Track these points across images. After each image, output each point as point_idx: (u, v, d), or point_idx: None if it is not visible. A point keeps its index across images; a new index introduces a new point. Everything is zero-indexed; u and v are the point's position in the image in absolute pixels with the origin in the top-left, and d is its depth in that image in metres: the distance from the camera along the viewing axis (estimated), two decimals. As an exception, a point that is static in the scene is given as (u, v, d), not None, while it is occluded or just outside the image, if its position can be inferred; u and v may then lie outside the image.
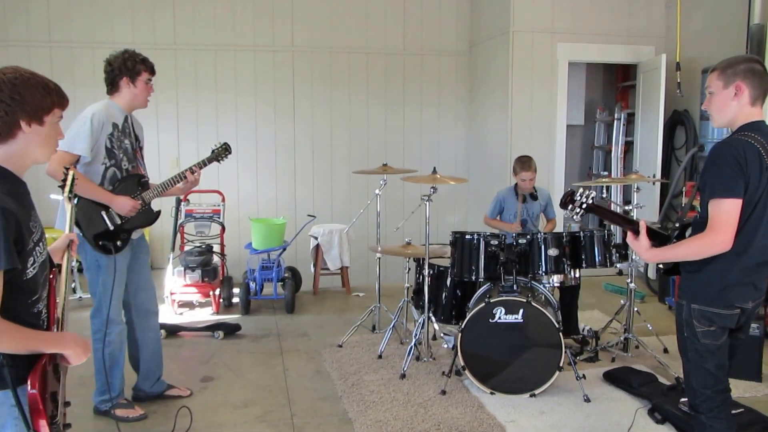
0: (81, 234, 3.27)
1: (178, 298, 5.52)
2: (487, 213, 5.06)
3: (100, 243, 3.30)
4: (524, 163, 4.81)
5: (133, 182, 3.45)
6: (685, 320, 2.41)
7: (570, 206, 2.54)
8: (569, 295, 4.45)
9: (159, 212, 3.62)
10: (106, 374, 3.36)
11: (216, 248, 5.84)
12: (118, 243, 3.37)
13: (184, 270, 5.44)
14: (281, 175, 7.47)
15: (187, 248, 5.78)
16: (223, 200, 6.08)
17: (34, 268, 1.74)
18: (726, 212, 2.24)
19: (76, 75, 6.79)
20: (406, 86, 7.64)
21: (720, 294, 2.34)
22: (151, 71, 3.44)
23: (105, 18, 6.93)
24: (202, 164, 3.60)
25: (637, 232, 2.46)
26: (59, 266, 2.05)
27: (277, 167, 7.45)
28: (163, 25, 7.05)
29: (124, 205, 3.32)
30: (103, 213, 3.32)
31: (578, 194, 2.53)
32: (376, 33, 7.49)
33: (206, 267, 5.50)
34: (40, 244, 1.80)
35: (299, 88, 7.39)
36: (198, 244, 5.75)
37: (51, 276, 1.92)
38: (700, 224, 2.36)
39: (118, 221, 3.36)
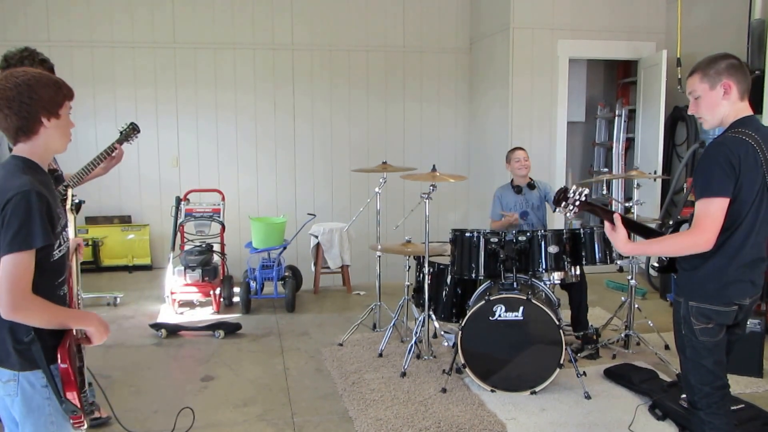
0: None
1: (179, 298, 5.52)
2: (490, 215, 4.96)
3: None
4: (513, 149, 4.88)
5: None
6: (682, 318, 2.41)
7: (563, 203, 2.48)
8: (577, 293, 4.46)
9: (82, 202, 3.55)
10: None
11: (216, 247, 5.83)
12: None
13: (185, 269, 5.44)
14: (281, 173, 7.47)
15: (187, 247, 5.77)
16: (223, 199, 6.07)
17: (60, 251, 1.91)
18: (712, 213, 2.23)
19: (75, 74, 6.78)
20: (406, 84, 7.63)
21: (718, 291, 2.33)
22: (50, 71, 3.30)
23: (104, 16, 6.93)
24: (112, 148, 3.46)
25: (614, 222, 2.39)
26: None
27: (277, 166, 7.45)
28: (162, 23, 7.04)
29: None
30: None
31: (572, 191, 2.46)
32: (375, 30, 7.48)
33: (206, 266, 5.49)
34: (65, 230, 1.97)
35: (299, 86, 7.38)
36: (198, 244, 5.74)
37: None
38: None
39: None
